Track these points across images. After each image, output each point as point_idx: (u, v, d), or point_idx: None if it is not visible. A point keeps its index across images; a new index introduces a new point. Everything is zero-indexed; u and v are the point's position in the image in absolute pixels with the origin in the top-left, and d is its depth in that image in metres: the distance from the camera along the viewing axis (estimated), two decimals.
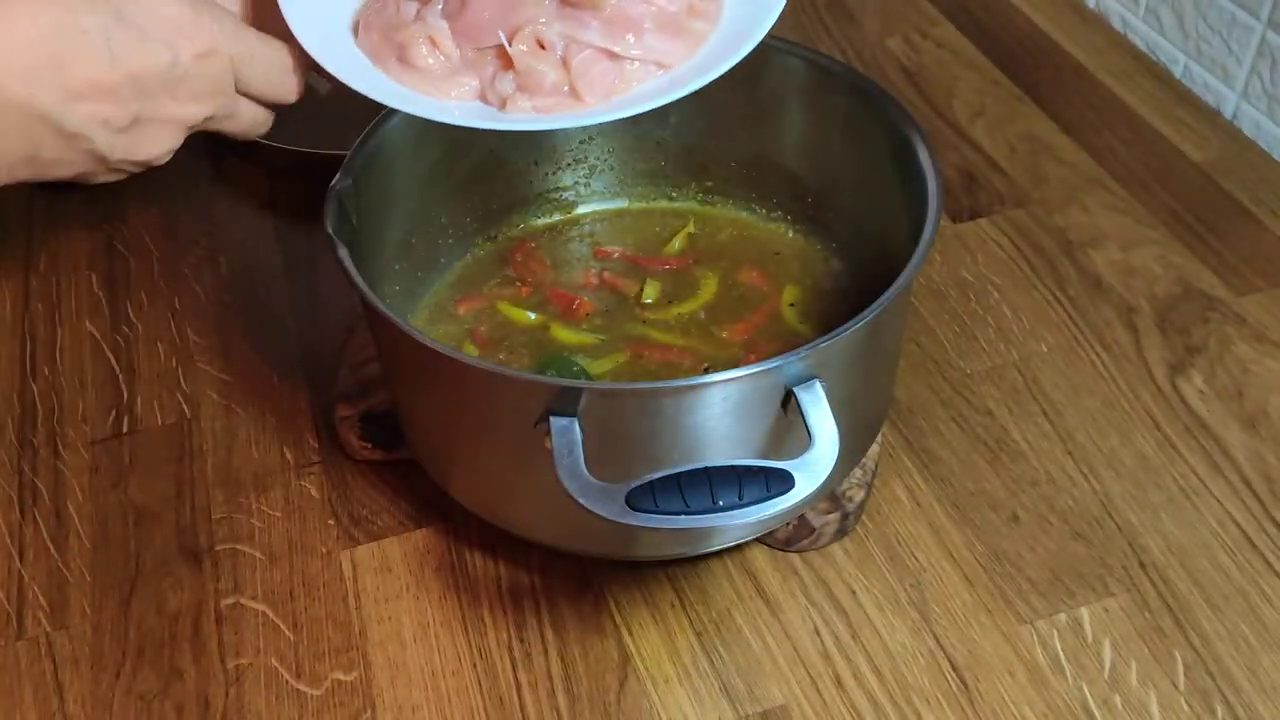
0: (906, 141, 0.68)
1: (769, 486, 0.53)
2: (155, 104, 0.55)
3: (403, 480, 0.76)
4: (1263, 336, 0.82)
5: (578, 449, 0.55)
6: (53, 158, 0.55)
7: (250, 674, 0.67)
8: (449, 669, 0.67)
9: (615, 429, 0.58)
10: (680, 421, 0.58)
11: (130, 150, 0.56)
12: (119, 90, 0.54)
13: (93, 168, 0.56)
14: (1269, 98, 0.96)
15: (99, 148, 0.55)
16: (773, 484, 0.53)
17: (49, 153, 0.54)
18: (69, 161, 0.55)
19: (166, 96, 0.55)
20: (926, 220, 0.63)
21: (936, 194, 0.65)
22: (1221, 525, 0.71)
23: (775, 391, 0.58)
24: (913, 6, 1.15)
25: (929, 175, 0.65)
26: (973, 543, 0.71)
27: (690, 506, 0.53)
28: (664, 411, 0.58)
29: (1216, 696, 0.64)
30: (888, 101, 0.71)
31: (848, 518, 0.70)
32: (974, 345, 0.83)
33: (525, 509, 0.67)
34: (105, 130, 0.54)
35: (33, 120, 0.52)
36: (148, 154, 0.58)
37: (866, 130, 0.72)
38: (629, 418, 0.58)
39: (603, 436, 0.57)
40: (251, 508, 0.75)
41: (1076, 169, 0.96)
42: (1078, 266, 0.88)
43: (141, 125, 0.56)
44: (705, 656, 0.67)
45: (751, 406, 0.58)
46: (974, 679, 0.65)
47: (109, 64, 0.53)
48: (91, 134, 0.54)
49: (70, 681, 0.67)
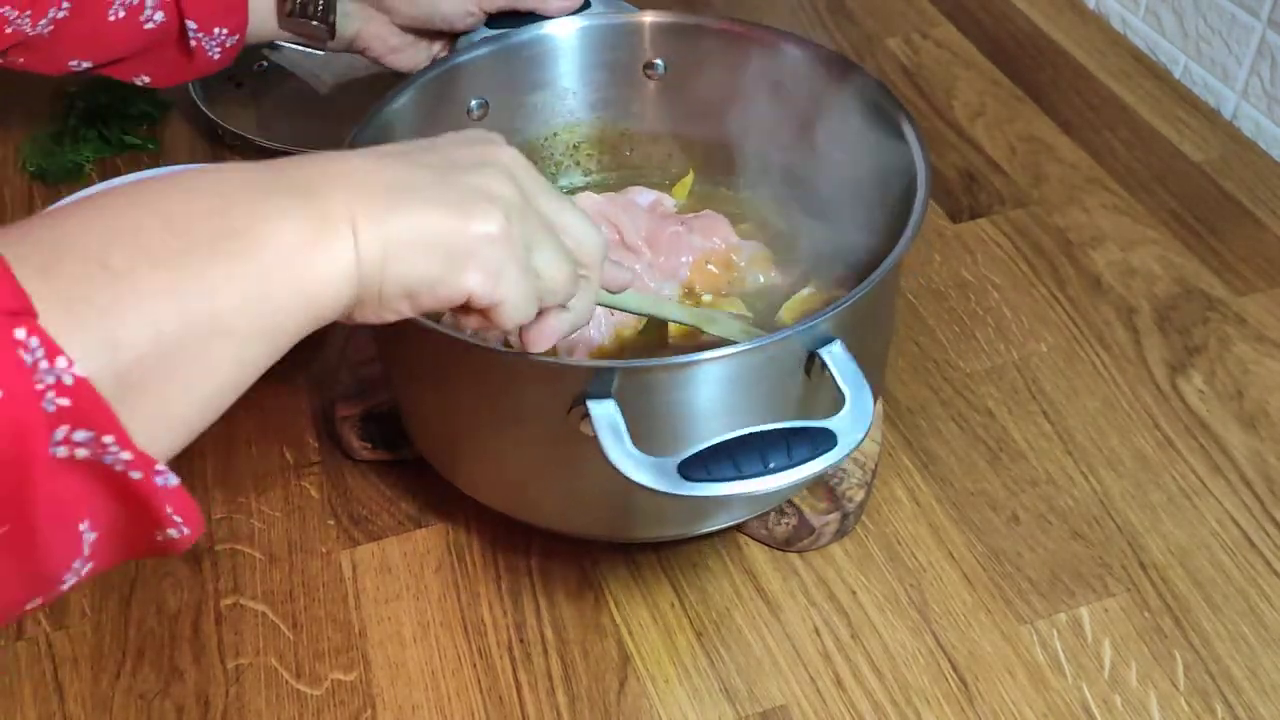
0: (878, 107, 0.71)
1: (814, 445, 0.55)
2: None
3: (403, 480, 0.76)
4: (1263, 336, 0.82)
5: (622, 428, 0.56)
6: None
7: (250, 674, 0.67)
8: (449, 669, 0.67)
9: (647, 407, 0.59)
10: (713, 392, 0.60)
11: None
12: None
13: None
14: (1269, 98, 0.96)
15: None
16: (818, 442, 0.55)
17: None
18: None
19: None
20: (917, 185, 0.65)
21: (923, 156, 0.67)
22: (1221, 525, 0.71)
23: (798, 357, 0.60)
24: (913, 6, 1.15)
25: (910, 132, 0.69)
26: (973, 543, 0.71)
27: (743, 472, 0.54)
28: (697, 384, 0.59)
29: (1216, 696, 0.64)
30: (856, 71, 0.73)
31: (847, 518, 0.70)
32: (974, 345, 0.83)
33: (553, 497, 0.67)
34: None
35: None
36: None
37: (843, 104, 0.74)
38: (664, 393, 0.59)
39: (635, 415, 0.58)
40: (251, 508, 0.75)
41: (1076, 169, 0.96)
42: (1078, 266, 0.88)
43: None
44: (705, 656, 0.67)
45: (778, 372, 0.60)
46: (974, 679, 0.65)
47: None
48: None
49: (70, 681, 0.67)
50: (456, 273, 0.47)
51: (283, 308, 0.42)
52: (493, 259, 0.47)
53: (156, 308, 0.38)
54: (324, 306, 0.44)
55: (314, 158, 0.46)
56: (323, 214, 0.43)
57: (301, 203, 0.43)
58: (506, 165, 0.50)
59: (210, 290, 0.40)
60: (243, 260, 0.41)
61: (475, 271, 0.47)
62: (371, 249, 0.44)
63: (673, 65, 0.82)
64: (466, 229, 0.46)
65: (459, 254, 0.46)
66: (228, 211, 0.41)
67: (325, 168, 0.46)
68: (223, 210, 0.41)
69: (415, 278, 0.46)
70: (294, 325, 0.43)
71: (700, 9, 1.13)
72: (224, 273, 0.40)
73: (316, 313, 0.43)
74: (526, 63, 0.81)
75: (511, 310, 0.49)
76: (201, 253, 0.40)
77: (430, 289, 0.47)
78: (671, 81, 0.82)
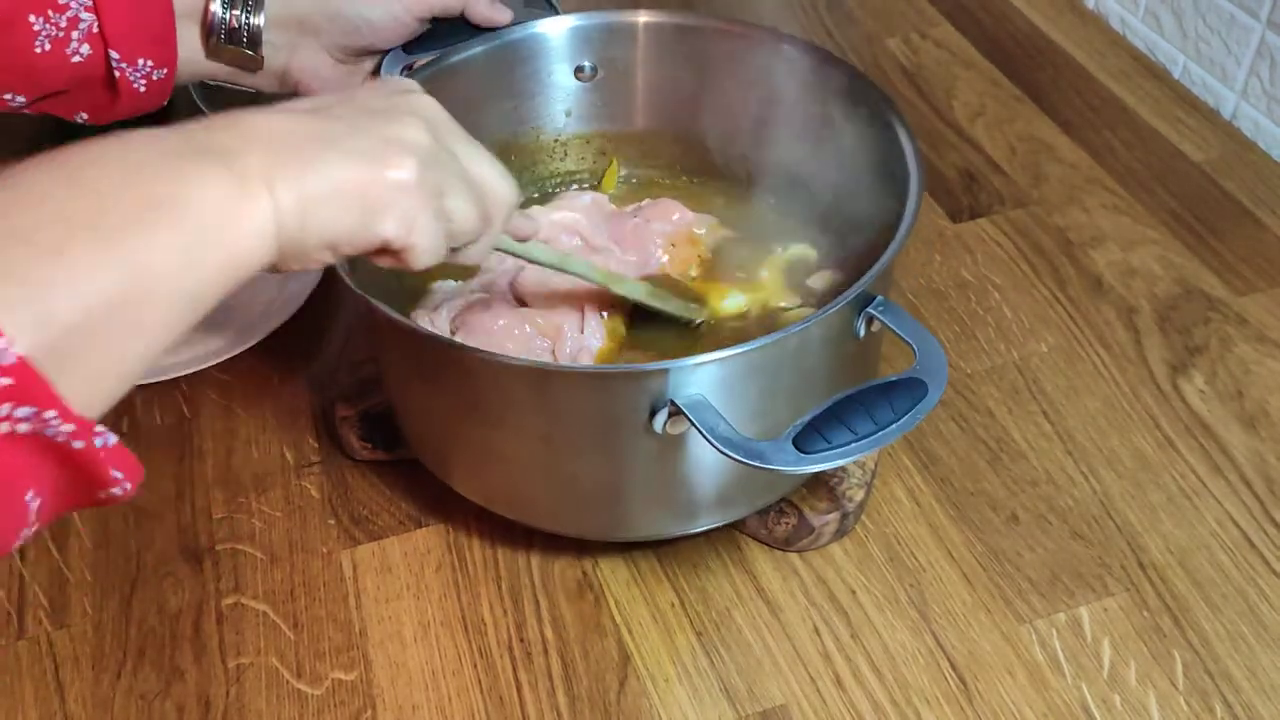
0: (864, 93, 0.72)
1: (913, 395, 0.56)
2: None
3: (403, 480, 0.76)
4: (1263, 336, 0.82)
5: (720, 416, 0.56)
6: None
7: (251, 673, 0.67)
8: (449, 669, 0.67)
9: (727, 395, 0.59)
10: (782, 370, 0.61)
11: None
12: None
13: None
14: (1268, 98, 0.96)
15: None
16: (915, 392, 0.56)
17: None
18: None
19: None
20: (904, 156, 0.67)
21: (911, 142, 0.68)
22: (1221, 525, 0.71)
23: (851, 320, 0.62)
24: (913, 6, 1.15)
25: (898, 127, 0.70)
26: (972, 543, 0.71)
27: (858, 433, 0.55)
28: (769, 365, 0.60)
29: (1216, 696, 0.64)
30: (848, 70, 0.74)
31: (847, 518, 0.70)
32: (974, 345, 0.83)
33: (550, 499, 0.68)
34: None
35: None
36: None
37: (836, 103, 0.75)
38: (744, 376, 0.60)
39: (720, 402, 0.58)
40: (252, 508, 0.75)
41: (1076, 169, 0.96)
42: (1078, 266, 0.88)
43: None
44: (705, 656, 0.67)
45: (839, 336, 0.62)
46: (973, 679, 0.65)
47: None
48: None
49: (71, 681, 0.67)
50: (373, 222, 0.48)
51: (208, 270, 0.43)
52: (407, 206, 0.49)
53: (87, 281, 0.39)
54: (248, 265, 0.45)
55: (225, 118, 0.46)
56: (240, 176, 0.44)
57: (218, 167, 0.43)
58: (421, 112, 0.52)
59: (137, 260, 0.40)
60: (167, 228, 0.41)
61: (390, 220, 0.48)
62: (290, 206, 0.45)
63: (605, 65, 0.82)
64: (381, 178, 0.48)
65: (375, 203, 0.48)
66: (148, 181, 0.42)
67: (239, 129, 0.46)
68: (143, 180, 0.42)
69: (335, 230, 0.47)
70: (219, 285, 0.44)
71: (698, 5, 1.13)
72: (149, 241, 0.41)
73: (240, 272, 0.44)
74: (465, 80, 0.79)
75: (423, 254, 0.51)
76: (127, 223, 0.41)
77: (349, 239, 0.48)
78: (605, 82, 0.83)
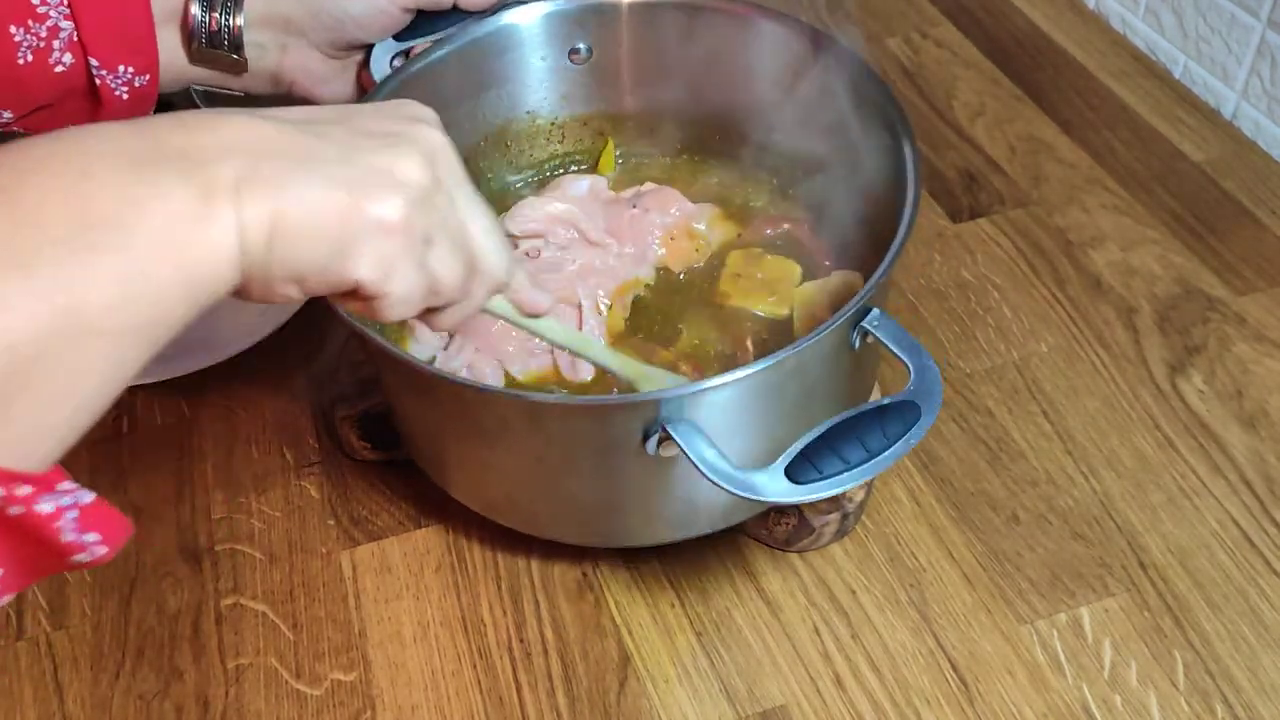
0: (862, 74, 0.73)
1: (905, 420, 0.54)
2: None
3: (403, 480, 0.76)
4: (1263, 336, 0.82)
5: (709, 445, 0.55)
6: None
7: (250, 674, 0.67)
8: (449, 669, 0.67)
9: (720, 420, 0.58)
10: (776, 393, 0.60)
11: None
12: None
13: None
14: (1269, 98, 0.96)
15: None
16: (907, 416, 0.54)
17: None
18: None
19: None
20: (903, 149, 0.66)
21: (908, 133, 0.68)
22: (1221, 525, 0.71)
23: (846, 337, 0.60)
24: (913, 6, 1.15)
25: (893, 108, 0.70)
26: (973, 543, 0.71)
27: (850, 462, 0.53)
28: (764, 389, 0.59)
29: (1216, 696, 0.64)
30: (850, 56, 0.75)
31: (847, 518, 0.70)
32: (974, 345, 0.83)
33: (627, 521, 0.67)
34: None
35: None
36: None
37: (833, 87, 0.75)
38: (737, 404, 0.59)
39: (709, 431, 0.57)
40: (251, 508, 0.75)
41: (1076, 169, 0.96)
42: (1078, 266, 0.88)
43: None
44: (705, 656, 0.67)
45: (835, 355, 0.61)
46: (974, 679, 0.65)
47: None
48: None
49: (70, 681, 0.67)
50: (346, 260, 0.42)
51: (160, 299, 0.38)
52: (387, 250, 0.43)
53: (7, 316, 0.34)
54: (209, 291, 0.39)
55: (204, 116, 0.41)
56: (205, 188, 0.38)
57: (179, 177, 0.38)
58: (423, 144, 0.46)
59: (72, 290, 0.35)
60: (110, 252, 0.36)
61: (366, 261, 0.43)
62: (257, 226, 0.40)
63: (598, 46, 0.81)
64: (361, 212, 0.42)
65: (351, 240, 0.42)
66: (93, 195, 0.36)
67: (217, 131, 0.40)
68: (87, 194, 0.36)
69: (304, 262, 0.42)
70: (174, 315, 0.38)
71: None
72: (87, 269, 0.35)
73: (201, 298, 0.39)
74: (470, 67, 0.79)
75: (396, 305, 0.45)
76: (60, 248, 0.35)
77: (319, 274, 0.42)
78: (599, 63, 0.82)
